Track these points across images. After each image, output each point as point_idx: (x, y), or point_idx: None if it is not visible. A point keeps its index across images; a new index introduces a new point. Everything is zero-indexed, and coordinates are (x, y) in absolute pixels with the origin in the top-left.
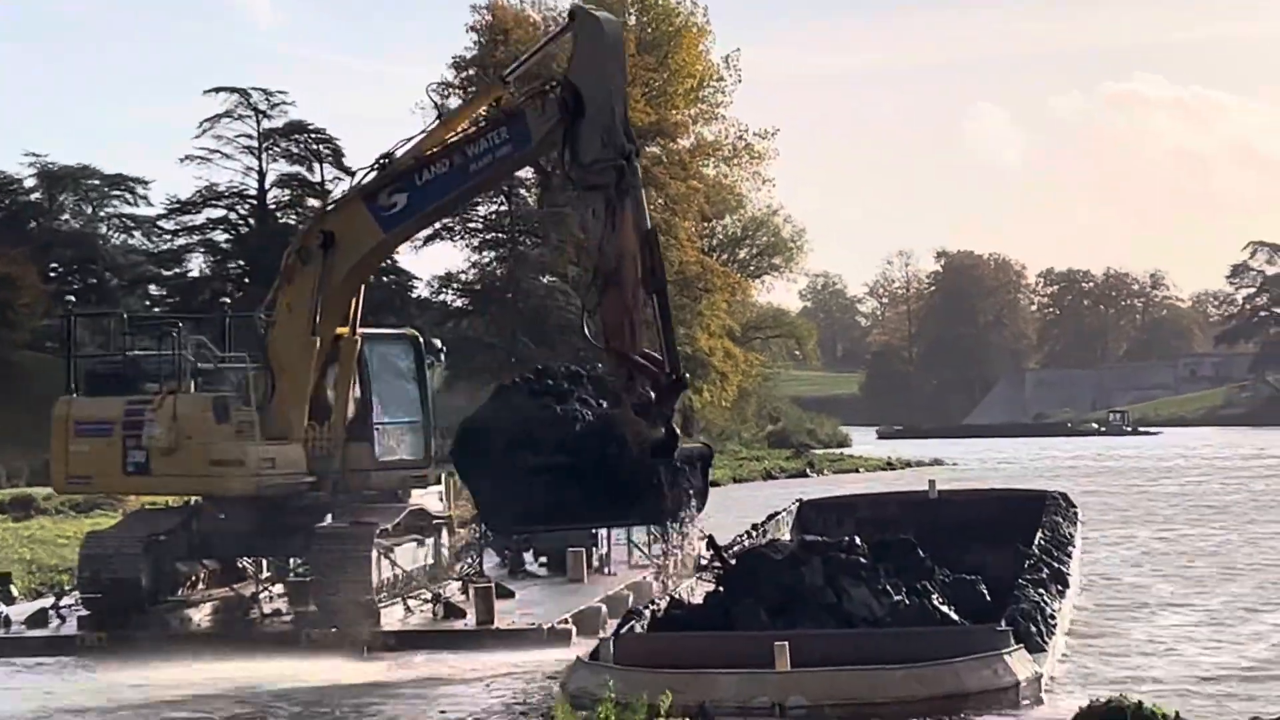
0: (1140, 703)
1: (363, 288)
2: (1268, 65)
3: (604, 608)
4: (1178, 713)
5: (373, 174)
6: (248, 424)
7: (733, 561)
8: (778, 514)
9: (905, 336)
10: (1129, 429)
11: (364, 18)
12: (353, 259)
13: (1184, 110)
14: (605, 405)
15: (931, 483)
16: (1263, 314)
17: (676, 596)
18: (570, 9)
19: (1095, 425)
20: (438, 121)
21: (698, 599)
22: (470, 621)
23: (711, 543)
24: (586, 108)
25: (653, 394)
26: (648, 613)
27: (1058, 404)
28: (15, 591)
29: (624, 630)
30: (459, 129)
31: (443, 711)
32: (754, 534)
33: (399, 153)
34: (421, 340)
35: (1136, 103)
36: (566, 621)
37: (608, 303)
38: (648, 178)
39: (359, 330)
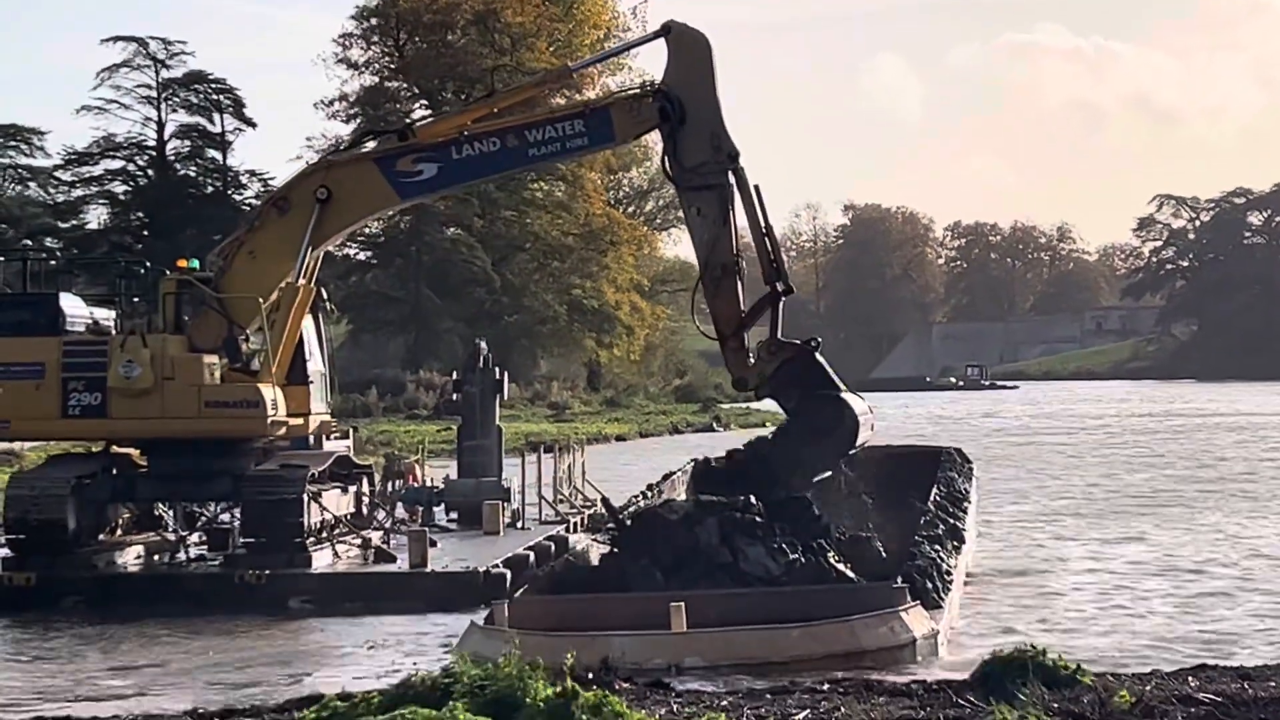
0: (1043, 650)
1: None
2: (1166, 14)
3: (532, 555)
4: (1079, 664)
5: (385, 140)
6: (263, 365)
7: (627, 522)
8: (673, 474)
9: (812, 290)
10: (986, 383)
11: None
12: (350, 218)
13: (1083, 60)
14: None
15: None
16: (1169, 267)
17: (571, 559)
18: (665, 23)
19: (953, 380)
20: (479, 100)
21: (594, 560)
22: (403, 565)
23: (605, 503)
24: (688, 116)
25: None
26: (543, 574)
27: (965, 358)
28: None
29: (519, 592)
30: (501, 109)
31: (370, 644)
32: (649, 494)
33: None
34: (322, 293)
35: (1036, 53)
36: (499, 566)
37: (723, 293)
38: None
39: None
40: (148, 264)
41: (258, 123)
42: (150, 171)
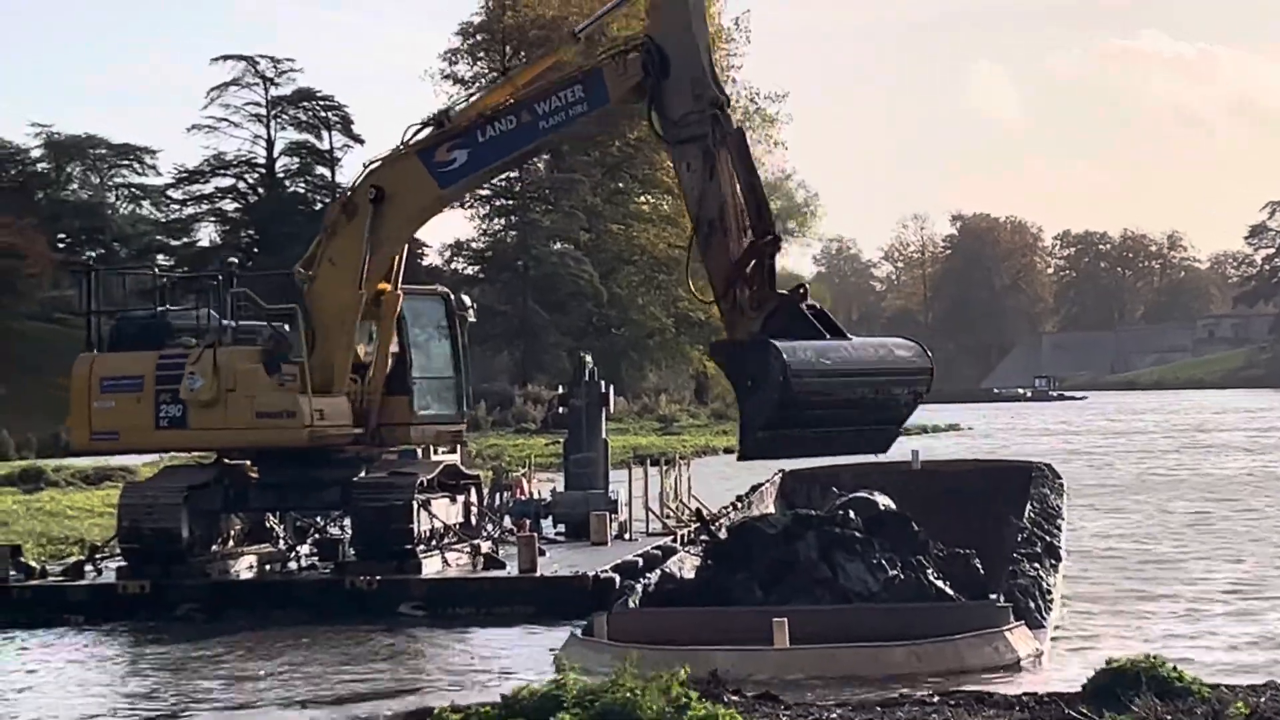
0: (1159, 661)
1: (406, 244)
2: (1268, 17)
3: (640, 561)
4: (1195, 677)
5: (427, 130)
6: (298, 376)
7: (722, 535)
8: (761, 485)
9: (921, 301)
10: (1054, 394)
11: None
12: (404, 214)
13: (1185, 66)
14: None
15: (914, 453)
16: None
17: (668, 570)
18: None
19: (1022, 390)
20: (502, 79)
21: (688, 573)
22: (513, 571)
23: (699, 516)
24: (671, 65)
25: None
26: (639, 587)
27: (1074, 368)
28: (30, 564)
29: (616, 605)
30: (522, 86)
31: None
32: (739, 505)
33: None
34: (452, 298)
35: (1138, 59)
36: (607, 571)
37: (713, 250)
38: (659, 144)
39: (399, 286)
40: (229, 277)
41: (365, 139)
42: (260, 189)
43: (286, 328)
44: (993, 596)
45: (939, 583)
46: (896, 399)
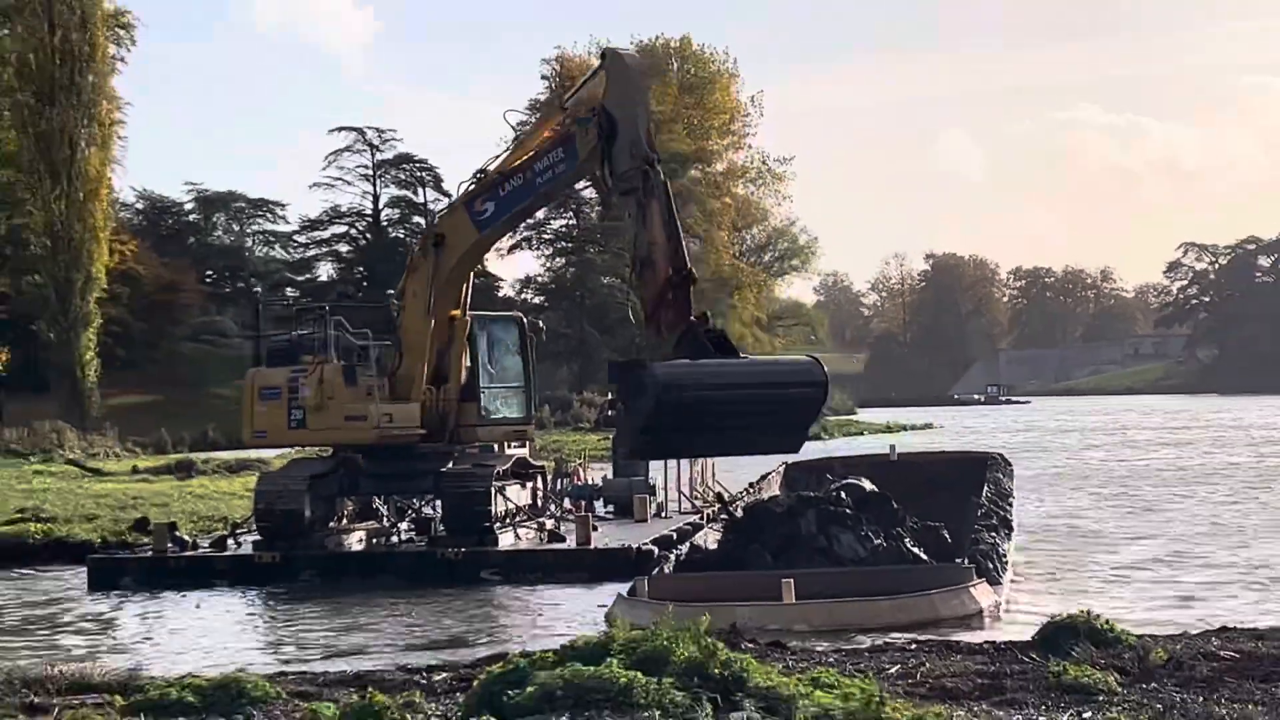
0: (1094, 615)
1: (471, 277)
2: (1186, 93)
3: (674, 535)
4: (1123, 629)
5: (472, 185)
6: (370, 387)
7: (738, 514)
8: (769, 474)
9: (901, 324)
10: (1003, 400)
11: (444, 64)
12: (456, 254)
13: (1117, 133)
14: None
15: (892, 447)
16: (1194, 302)
17: (695, 543)
18: (602, 50)
19: (977, 396)
20: (516, 143)
21: (712, 545)
22: (571, 543)
23: (720, 499)
24: (618, 129)
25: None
26: (673, 556)
27: (1026, 378)
28: (184, 535)
29: (655, 571)
30: (531, 149)
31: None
32: (750, 490)
33: (491, 167)
34: (525, 321)
35: (1078, 127)
36: (648, 544)
37: (643, 283)
38: (690, 196)
39: (469, 313)
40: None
41: (453, 194)
42: (368, 235)
43: (371, 348)
44: (959, 560)
45: (915, 550)
46: (791, 407)
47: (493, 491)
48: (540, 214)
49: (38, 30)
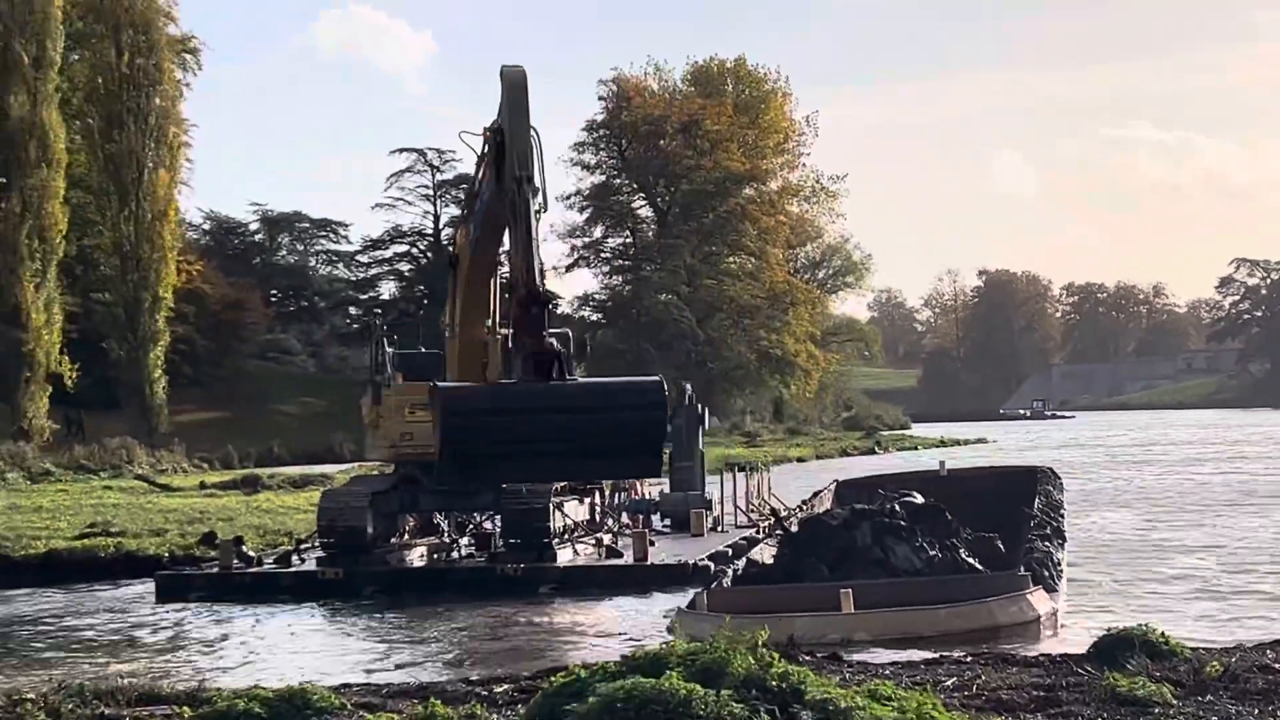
0: (1150, 628)
1: (492, 295)
2: (1237, 112)
3: (730, 550)
4: (1179, 641)
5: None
6: (403, 405)
7: (793, 528)
8: (821, 491)
9: (954, 339)
10: (1049, 414)
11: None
12: (464, 274)
13: (1167, 150)
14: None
15: (942, 463)
16: (1245, 317)
17: (752, 557)
18: (500, 69)
19: (1022, 411)
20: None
21: (769, 559)
22: (628, 559)
23: (774, 513)
24: (506, 150)
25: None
26: (731, 570)
27: (1078, 392)
28: (249, 552)
29: (714, 584)
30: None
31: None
32: (803, 506)
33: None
34: (570, 336)
35: (1129, 144)
36: (704, 560)
37: (510, 303)
38: (745, 214)
39: (498, 330)
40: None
41: None
42: (428, 254)
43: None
44: (1014, 569)
45: (970, 560)
46: (628, 430)
47: (551, 508)
48: (597, 231)
49: (105, 55)
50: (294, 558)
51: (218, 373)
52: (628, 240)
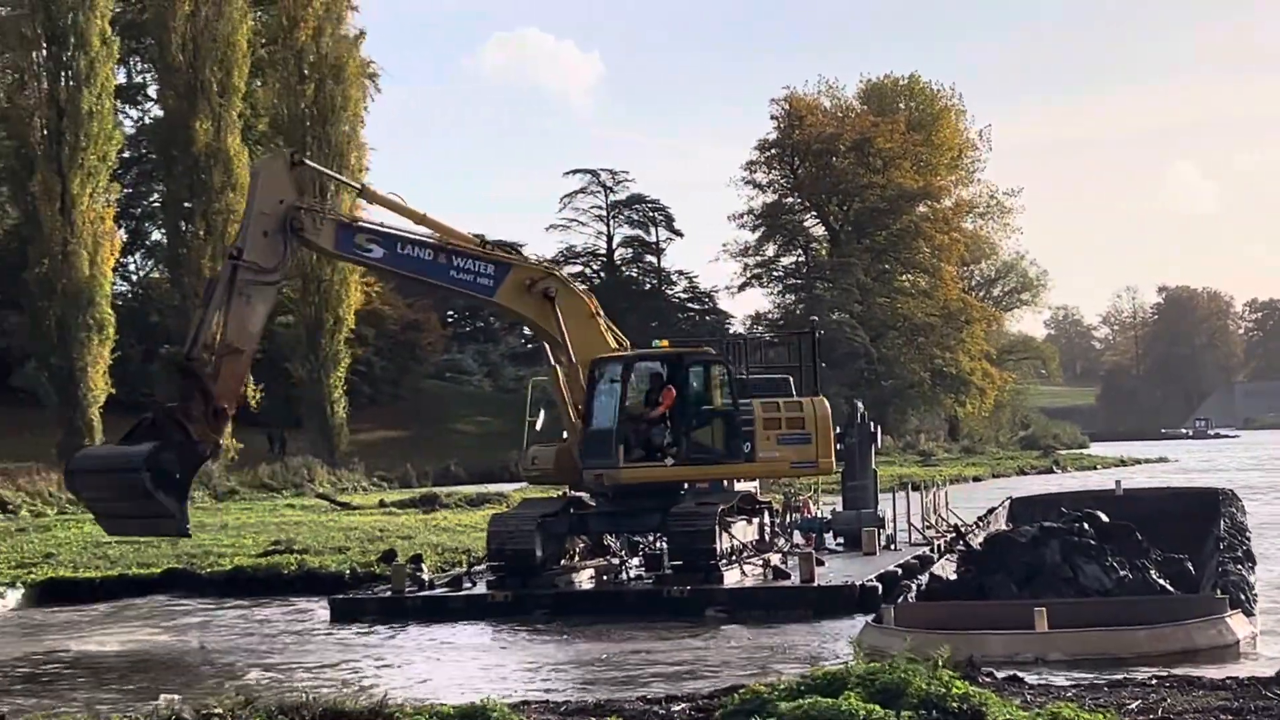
0: None
1: (552, 326)
2: None
3: (899, 570)
4: None
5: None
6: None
7: (976, 545)
8: (995, 508)
9: (1133, 357)
10: (1210, 433)
11: (669, 106)
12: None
13: None
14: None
15: (1118, 482)
16: None
17: (935, 574)
18: None
19: (1184, 430)
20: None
21: (951, 575)
22: (796, 581)
23: (957, 530)
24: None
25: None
26: (914, 586)
27: (1264, 410)
28: (426, 569)
29: (899, 600)
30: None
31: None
32: (979, 524)
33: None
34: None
35: None
36: (871, 580)
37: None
38: (918, 231)
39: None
40: None
41: (684, 233)
42: (602, 273)
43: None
44: (1209, 591)
45: (1160, 581)
46: (128, 490)
47: (717, 529)
48: (769, 250)
49: (290, 82)
50: (465, 581)
51: (396, 392)
52: (800, 259)
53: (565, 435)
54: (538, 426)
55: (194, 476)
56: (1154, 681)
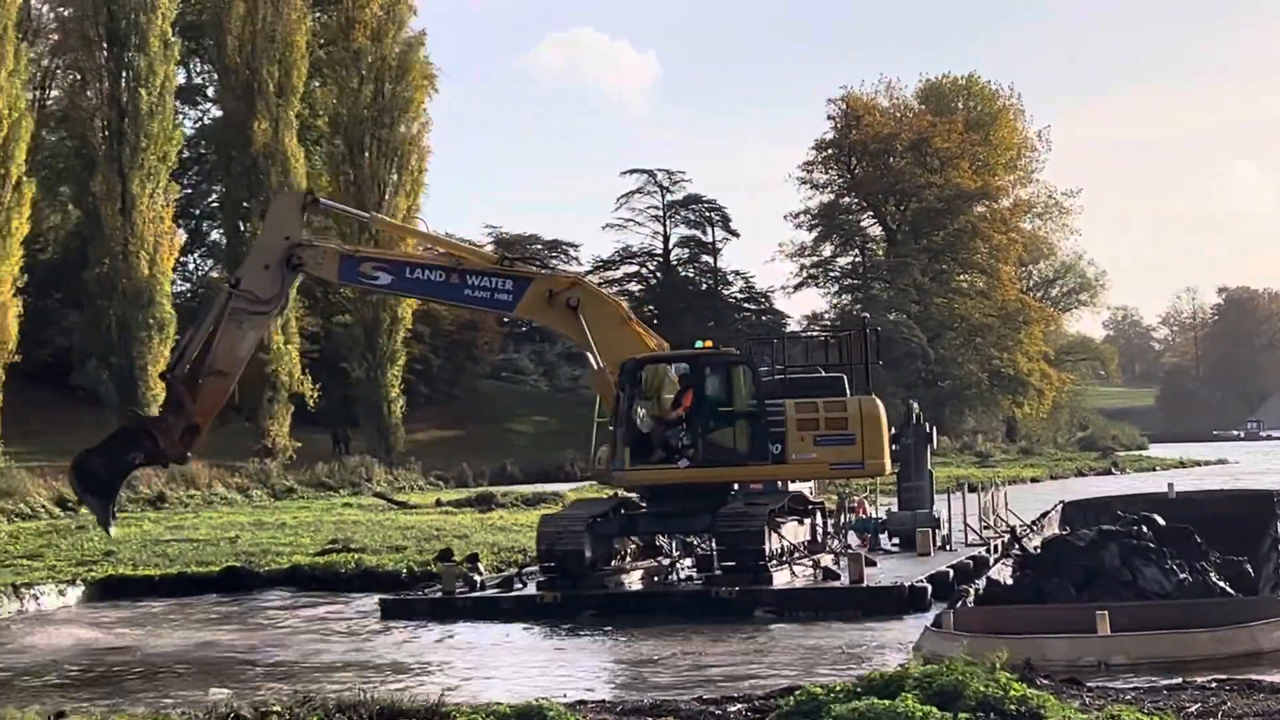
0: None
1: (576, 329)
2: None
3: (951, 572)
4: None
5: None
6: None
7: (1035, 549)
8: (1048, 512)
9: (1193, 358)
10: (1263, 435)
11: (726, 106)
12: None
13: None
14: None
15: (1170, 485)
16: None
17: (992, 578)
18: None
19: (1236, 432)
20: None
21: (1008, 579)
22: (845, 582)
23: (1013, 533)
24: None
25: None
26: (971, 590)
27: None
28: (482, 568)
29: (958, 604)
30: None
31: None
32: (1034, 527)
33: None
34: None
35: None
36: (921, 581)
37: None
38: (976, 231)
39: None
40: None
41: (741, 233)
42: (658, 274)
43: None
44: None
45: (1220, 583)
46: None
47: (766, 530)
48: (826, 250)
49: (349, 83)
50: (515, 581)
51: (452, 392)
52: (856, 259)
53: None
54: (609, 426)
55: (122, 481)
56: (1214, 685)
